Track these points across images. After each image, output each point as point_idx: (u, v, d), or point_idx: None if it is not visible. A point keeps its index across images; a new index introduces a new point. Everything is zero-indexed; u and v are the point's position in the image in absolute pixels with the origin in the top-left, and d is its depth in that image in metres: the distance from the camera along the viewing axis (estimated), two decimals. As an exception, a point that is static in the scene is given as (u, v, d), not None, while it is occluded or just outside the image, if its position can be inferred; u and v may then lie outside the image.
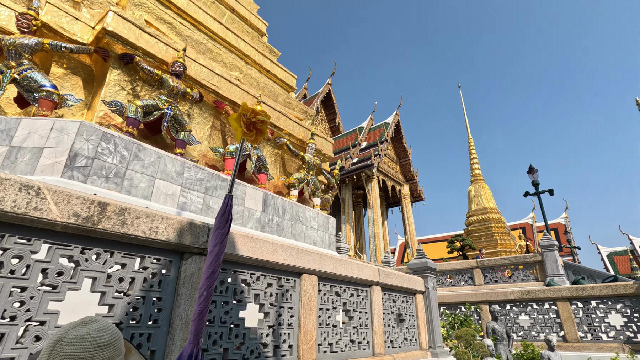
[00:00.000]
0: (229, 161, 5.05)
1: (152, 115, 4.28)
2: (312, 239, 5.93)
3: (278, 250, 3.41)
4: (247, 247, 3.02)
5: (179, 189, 4.20)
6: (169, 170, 4.15)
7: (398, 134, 24.43)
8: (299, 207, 5.83)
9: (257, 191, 5.16)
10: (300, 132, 6.76)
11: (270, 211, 5.31)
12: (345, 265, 4.38)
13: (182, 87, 4.57)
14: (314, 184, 6.43)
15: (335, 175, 7.75)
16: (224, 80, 5.47)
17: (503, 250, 17.59)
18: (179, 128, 4.55)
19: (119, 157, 3.73)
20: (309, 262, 3.80)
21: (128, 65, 4.48)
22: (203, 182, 4.48)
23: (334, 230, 6.52)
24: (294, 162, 6.75)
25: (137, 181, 3.81)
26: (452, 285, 11.08)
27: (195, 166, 4.42)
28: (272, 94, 6.86)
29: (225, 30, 6.89)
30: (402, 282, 5.40)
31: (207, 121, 5.34)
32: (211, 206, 4.49)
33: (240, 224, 4.78)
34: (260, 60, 7.50)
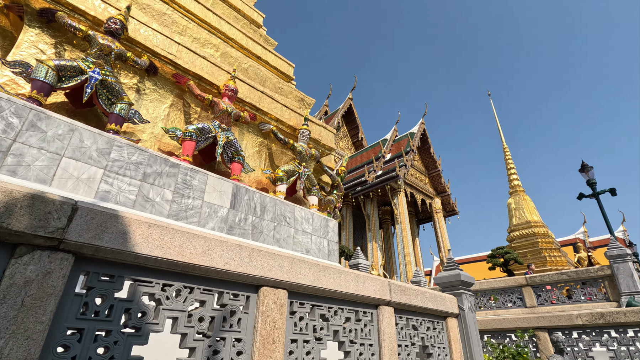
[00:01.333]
0: (187, 143, 3.93)
1: (71, 80, 3.27)
2: (303, 245, 4.60)
3: (214, 248, 2.17)
4: (152, 241, 1.83)
5: (101, 173, 3.09)
6: (87, 147, 3.06)
7: (425, 144, 22.79)
8: (286, 205, 4.56)
9: (223, 182, 3.97)
10: (292, 118, 5.59)
11: (243, 208, 4.07)
12: (335, 275, 3.05)
13: (118, 47, 3.56)
14: (308, 178, 5.16)
15: (341, 173, 6.45)
16: (187, 50, 4.45)
17: (554, 268, 15.11)
18: (114, 99, 3.50)
19: (3, 125, 2.69)
20: (273, 269, 2.54)
21: (52, 25, 3.56)
22: (141, 167, 3.35)
23: (335, 235, 5.15)
24: (286, 154, 5.55)
25: (29, 159, 2.73)
26: (496, 308, 9.13)
27: (131, 145, 3.32)
28: (258, 77, 5.80)
29: (205, 11, 6.00)
30: (425, 301, 3.93)
31: (164, 99, 4.30)
32: (151, 198, 3.33)
33: (195, 222, 3.58)
34: (249, 45, 6.53)
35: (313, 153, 5.43)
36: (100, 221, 1.81)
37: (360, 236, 23.59)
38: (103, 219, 1.83)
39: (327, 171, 6.13)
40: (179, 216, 3.47)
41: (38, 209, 1.53)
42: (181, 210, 3.51)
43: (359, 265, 8.94)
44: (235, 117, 4.47)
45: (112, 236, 1.78)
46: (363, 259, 9.26)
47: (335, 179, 6.24)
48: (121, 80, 3.94)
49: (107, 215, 1.86)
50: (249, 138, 5.09)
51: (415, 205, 22.97)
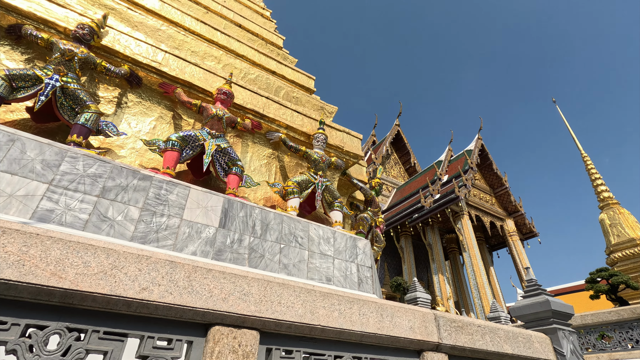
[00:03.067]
0: (168, 154, 3.30)
1: (27, 90, 2.87)
2: (322, 272, 3.57)
3: (124, 266, 1.40)
4: (3, 256, 1.08)
5: (44, 188, 2.51)
6: (29, 159, 2.54)
7: (485, 160, 20.57)
8: (296, 222, 3.64)
9: (210, 196, 3.22)
10: (306, 124, 4.81)
11: (237, 227, 3.24)
12: (343, 306, 2.08)
13: (83, 53, 3.16)
14: (327, 190, 4.23)
15: (375, 186, 5.41)
16: (174, 57, 4.01)
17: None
18: (78, 108, 3.04)
19: None
20: (231, 298, 1.68)
21: (21, 42, 3.30)
22: (100, 180, 2.74)
23: (368, 258, 4.03)
24: (302, 166, 4.72)
25: (-51, 173, 2.24)
26: (611, 350, 6.85)
27: (88, 156, 2.75)
28: (268, 87, 5.21)
29: (213, 31, 5.74)
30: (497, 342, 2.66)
31: (150, 112, 3.81)
32: (110, 217, 2.66)
33: (169, 246, 2.81)
34: (262, 60, 6.09)
35: (333, 161, 4.53)
36: None
37: (424, 269, 21.29)
38: None
39: (357, 184, 5.15)
40: (147, 238, 2.75)
41: None
42: (151, 232, 2.79)
43: (417, 300, 7.45)
44: (229, 122, 3.81)
45: None
46: (422, 291, 7.75)
47: (369, 192, 5.21)
48: (99, 93, 3.54)
49: None
50: (254, 150, 4.38)
51: (483, 230, 20.34)
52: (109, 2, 4.29)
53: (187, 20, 5.52)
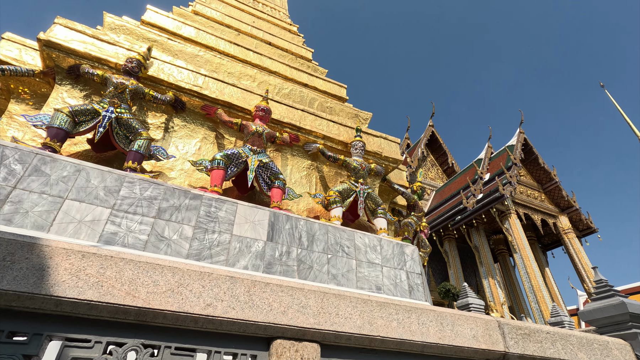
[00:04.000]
0: (215, 172, 3.43)
1: (88, 123, 3.13)
2: (371, 281, 3.51)
3: (188, 283, 1.59)
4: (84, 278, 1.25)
5: (108, 213, 2.70)
6: (93, 187, 2.74)
7: (530, 155, 19.47)
8: (341, 232, 3.63)
9: (256, 210, 3.29)
10: (343, 133, 4.82)
11: (285, 240, 3.29)
12: (401, 315, 2.04)
13: (133, 84, 3.40)
14: (369, 197, 4.19)
15: (417, 189, 5.27)
16: (214, 80, 4.19)
17: None
18: (132, 136, 3.26)
19: (4, 173, 2.52)
20: (290, 312, 1.72)
21: (80, 80, 3.62)
22: (155, 202, 2.91)
23: (417, 265, 3.92)
24: (342, 174, 4.71)
25: (28, 205, 2.47)
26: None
27: (144, 180, 2.93)
28: (302, 100, 5.30)
29: (246, 51, 5.97)
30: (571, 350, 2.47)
31: (194, 134, 4.00)
32: (166, 236, 2.80)
33: (222, 262, 2.90)
34: (293, 75, 6.23)
35: (372, 167, 4.49)
36: (4, 254, 1.19)
37: (472, 273, 20.34)
38: (9, 251, 1.21)
39: (398, 189, 5.06)
40: (201, 255, 2.85)
41: None
42: (204, 248, 2.90)
43: (469, 306, 7.09)
44: (269, 137, 3.91)
45: (19, 274, 1.13)
46: (474, 297, 7.37)
47: (411, 197, 5.09)
48: (148, 120, 3.77)
49: (16, 245, 1.23)
50: (294, 162, 4.45)
51: (534, 229, 19.14)
52: (152, 35, 4.60)
53: (221, 44, 5.78)
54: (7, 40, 3.89)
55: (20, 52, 3.92)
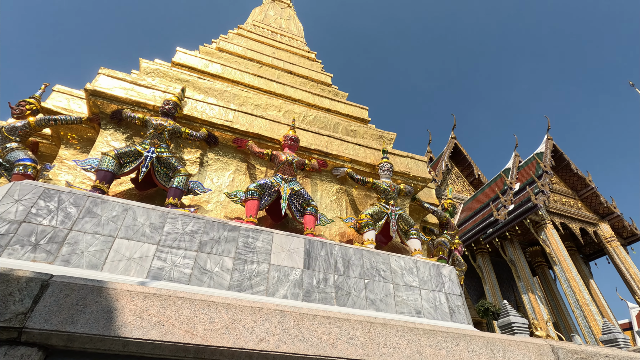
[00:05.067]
0: (249, 203, 3.55)
1: (132, 164, 3.34)
2: (410, 305, 3.45)
3: (241, 319, 1.79)
4: (147, 318, 1.37)
5: (154, 249, 2.83)
6: (140, 224, 2.90)
7: (561, 161, 18.76)
8: (376, 255, 3.62)
9: (292, 239, 3.36)
10: (369, 156, 4.88)
11: (321, 267, 3.32)
12: (450, 342, 2.05)
13: (170, 124, 3.62)
14: (401, 218, 4.17)
15: (448, 207, 5.20)
16: (243, 114, 4.39)
17: None
18: (171, 173, 3.45)
19: (62, 216, 2.72)
20: (339, 343, 1.79)
21: (122, 124, 3.89)
22: (197, 236, 3.03)
23: (456, 286, 3.82)
24: (371, 197, 4.73)
25: (83, 245, 2.65)
26: None
27: (185, 215, 3.08)
28: (326, 125, 5.43)
29: (269, 82, 6.22)
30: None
31: (227, 166, 4.17)
32: (209, 269, 2.90)
33: (262, 292, 2.95)
34: (316, 101, 6.41)
35: (402, 188, 4.49)
36: (77, 298, 1.30)
37: (509, 289, 19.39)
38: (81, 295, 1.32)
39: (429, 208, 5.01)
40: (242, 286, 2.92)
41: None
42: (244, 279, 2.97)
43: (512, 326, 6.76)
44: (299, 165, 4.01)
45: (90, 317, 1.23)
46: (516, 315, 7.03)
47: (442, 215, 5.02)
48: (184, 156, 3.98)
49: (87, 289, 1.35)
50: (323, 187, 4.52)
51: (573, 238, 18.18)
52: (183, 75, 4.90)
53: (246, 77, 6.06)
54: (57, 92, 4.26)
55: (69, 101, 4.28)
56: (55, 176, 3.71)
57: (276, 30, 10.25)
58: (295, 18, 12.86)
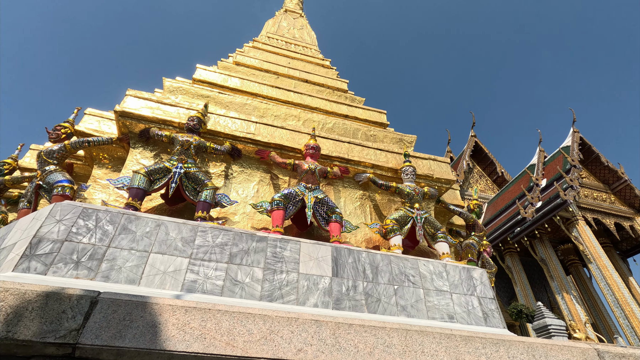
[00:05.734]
0: (275, 213, 3.60)
1: (161, 180, 3.47)
2: (442, 310, 3.39)
3: (278, 330, 1.76)
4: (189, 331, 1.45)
5: (187, 262, 2.92)
6: (172, 239, 3.00)
7: (589, 154, 18.04)
8: (404, 261, 3.58)
9: (319, 247, 3.38)
10: (391, 160, 4.85)
11: (349, 274, 3.32)
12: (488, 348, 2.02)
13: (196, 140, 3.73)
14: (427, 222, 4.12)
15: (474, 208, 5.10)
16: (264, 125, 4.48)
17: None
18: (199, 187, 3.55)
19: (100, 234, 2.84)
20: (376, 352, 1.79)
21: (149, 142, 4.04)
22: (226, 248, 3.10)
23: (488, 289, 3.73)
24: (395, 201, 4.70)
25: (121, 261, 2.75)
26: None
27: (214, 227, 3.15)
28: (345, 132, 5.45)
29: (287, 93, 6.32)
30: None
31: (251, 178, 4.25)
32: (240, 280, 2.96)
33: (293, 301, 2.98)
34: (333, 108, 6.45)
35: (426, 191, 4.44)
36: (124, 314, 1.37)
37: (541, 289, 18.67)
38: (127, 311, 1.39)
39: (455, 210, 4.93)
40: (272, 296, 2.96)
41: (51, 309, 1.19)
42: (275, 289, 3.01)
43: (548, 328, 6.50)
44: (321, 173, 4.04)
45: (137, 332, 1.30)
46: (552, 317, 6.77)
47: (469, 217, 4.93)
48: (210, 170, 4.08)
49: (132, 305, 1.41)
50: (346, 194, 4.53)
51: (608, 234, 17.35)
52: (204, 91, 5.05)
53: (264, 89, 6.18)
54: (89, 115, 4.48)
55: (99, 123, 4.48)
56: (91, 195, 3.88)
57: (290, 41, 10.40)
58: (307, 27, 13.02)
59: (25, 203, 3.62)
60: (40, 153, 3.73)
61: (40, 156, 3.72)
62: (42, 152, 3.73)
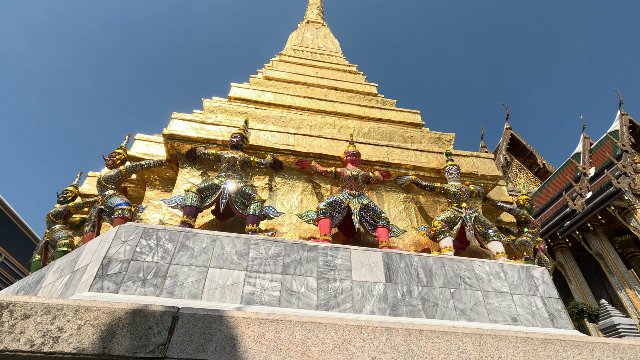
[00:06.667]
0: (322, 222, 3.62)
1: (211, 197, 3.60)
2: (504, 312, 3.24)
3: (350, 338, 1.80)
4: (265, 343, 1.51)
5: (243, 275, 3.00)
6: (227, 253, 3.10)
7: (642, 137, 16.71)
8: (458, 262, 3.47)
9: (369, 253, 3.36)
10: (432, 160, 4.75)
11: (403, 279, 3.26)
12: (571, 352, 1.92)
13: (241, 156, 3.86)
14: (477, 221, 3.98)
15: (525, 203, 4.87)
16: (302, 136, 4.55)
17: None
18: (247, 202, 3.65)
19: (161, 252, 2.99)
20: (451, 359, 1.75)
21: (196, 160, 4.22)
22: (279, 259, 3.15)
23: (551, 288, 3.53)
24: (440, 202, 4.59)
25: (182, 277, 2.88)
26: None
27: (265, 239, 3.22)
28: (382, 136, 5.42)
29: (319, 102, 6.39)
30: None
31: (294, 188, 4.31)
32: (295, 290, 2.99)
33: (349, 309, 2.97)
34: (366, 113, 6.45)
35: (473, 189, 4.30)
36: (203, 328, 1.44)
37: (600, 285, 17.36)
38: (206, 324, 1.46)
39: (504, 207, 4.73)
40: (329, 305, 2.96)
41: (139, 325, 1.28)
42: (330, 298, 3.01)
43: (616, 327, 6.02)
44: (364, 179, 4.03)
45: (217, 344, 1.37)
46: (619, 315, 6.27)
47: (520, 213, 4.71)
48: (254, 183, 4.19)
49: (210, 319, 1.49)
50: (389, 198, 4.48)
51: (672, 222, 15.88)
52: (242, 108, 5.21)
53: (296, 100, 6.28)
54: (139, 140, 4.76)
55: (148, 147, 4.75)
56: (146, 215, 4.10)
57: (315, 51, 10.54)
58: (330, 35, 13.15)
59: (89, 227, 3.88)
60: (100, 179, 4.00)
61: (100, 182, 3.98)
62: (101, 179, 3.99)
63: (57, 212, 4.46)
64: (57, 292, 3.07)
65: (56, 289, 3.14)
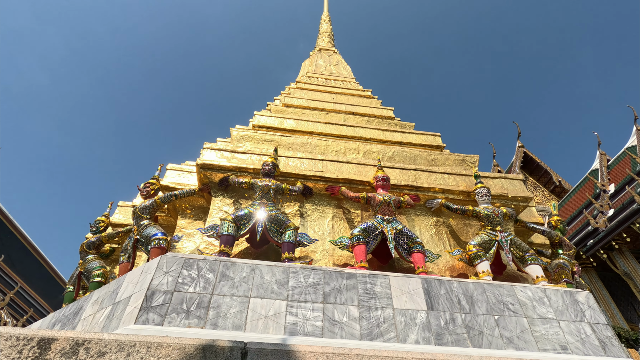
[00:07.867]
0: (357, 249, 3.61)
1: (247, 225, 3.63)
2: (552, 340, 3.12)
3: None
4: None
5: (285, 305, 2.97)
6: (267, 282, 3.09)
7: (661, 152, 16.40)
8: (499, 288, 3.39)
9: (409, 280, 3.31)
10: (461, 183, 4.74)
11: (444, 306, 3.19)
12: None
13: (274, 184, 3.91)
14: (513, 244, 3.92)
15: (557, 224, 4.78)
16: (330, 162, 4.60)
17: None
18: (282, 229, 3.67)
19: (203, 282, 3.00)
20: None
21: (228, 189, 4.28)
22: (319, 287, 3.13)
23: (598, 314, 3.40)
24: (471, 225, 4.53)
25: (225, 308, 2.87)
26: None
27: (304, 267, 3.21)
28: (406, 159, 5.44)
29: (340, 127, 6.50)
30: None
31: (325, 214, 4.32)
32: (338, 320, 2.95)
33: (393, 338, 2.90)
34: (387, 137, 6.51)
35: (505, 212, 4.25)
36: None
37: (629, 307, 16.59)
38: (275, 359, 1.46)
39: (536, 229, 4.65)
40: (372, 334, 2.90)
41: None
42: (373, 327, 2.95)
43: (661, 354, 5.71)
44: (396, 204, 4.03)
45: None
46: (662, 341, 5.95)
47: (553, 234, 4.62)
48: (285, 210, 4.22)
49: (277, 354, 1.49)
50: (420, 222, 4.45)
51: (701, 239, 15.31)
52: (267, 136, 5.33)
53: (317, 127, 6.40)
54: (170, 169, 4.87)
55: (179, 176, 4.85)
56: (180, 245, 4.13)
57: (329, 77, 10.80)
58: (343, 62, 13.50)
59: (125, 257, 3.92)
60: (135, 209, 4.07)
61: (135, 212, 4.06)
62: (136, 209, 4.07)
63: (90, 242, 4.53)
64: (100, 324, 3.07)
65: (97, 322, 3.14)
